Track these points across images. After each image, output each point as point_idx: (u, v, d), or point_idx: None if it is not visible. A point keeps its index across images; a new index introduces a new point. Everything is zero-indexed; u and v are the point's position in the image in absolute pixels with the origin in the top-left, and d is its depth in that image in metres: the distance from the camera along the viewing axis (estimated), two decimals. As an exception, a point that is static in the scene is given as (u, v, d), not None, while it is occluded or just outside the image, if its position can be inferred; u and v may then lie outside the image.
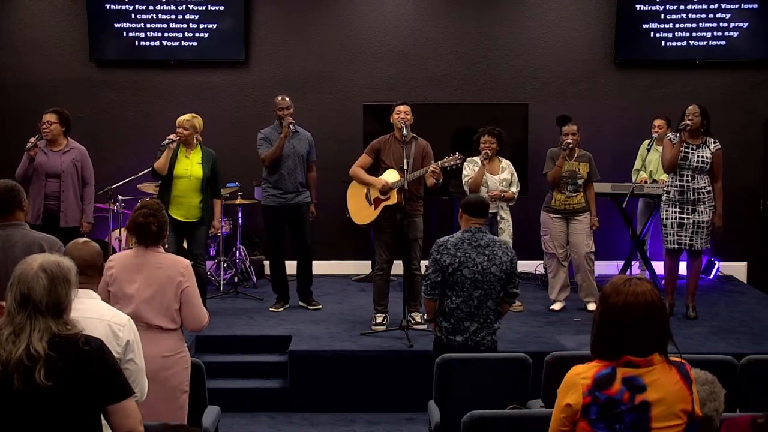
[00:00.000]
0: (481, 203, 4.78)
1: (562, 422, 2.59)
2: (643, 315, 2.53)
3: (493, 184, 6.71)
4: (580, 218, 6.81)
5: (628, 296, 2.54)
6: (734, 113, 8.45)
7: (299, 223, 6.87)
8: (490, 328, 4.67)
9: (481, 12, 8.50)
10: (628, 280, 2.60)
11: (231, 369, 5.97)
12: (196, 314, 3.98)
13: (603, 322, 2.58)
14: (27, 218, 6.28)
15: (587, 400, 2.53)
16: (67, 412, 2.55)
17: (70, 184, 6.40)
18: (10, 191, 4.25)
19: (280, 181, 6.76)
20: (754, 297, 7.70)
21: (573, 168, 6.75)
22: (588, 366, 2.58)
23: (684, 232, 6.45)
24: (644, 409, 2.52)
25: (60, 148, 6.43)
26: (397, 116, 6.28)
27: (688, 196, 6.41)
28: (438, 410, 4.23)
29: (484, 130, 6.70)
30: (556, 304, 6.96)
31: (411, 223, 6.27)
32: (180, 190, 6.37)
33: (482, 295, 4.61)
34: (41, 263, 2.60)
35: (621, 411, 2.52)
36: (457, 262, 4.58)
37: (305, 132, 6.93)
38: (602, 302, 2.60)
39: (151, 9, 8.34)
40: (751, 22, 8.35)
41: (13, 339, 2.52)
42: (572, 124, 6.81)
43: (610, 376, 2.53)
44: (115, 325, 3.11)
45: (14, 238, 4.15)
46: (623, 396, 2.52)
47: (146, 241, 3.97)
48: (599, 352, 2.59)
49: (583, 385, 2.54)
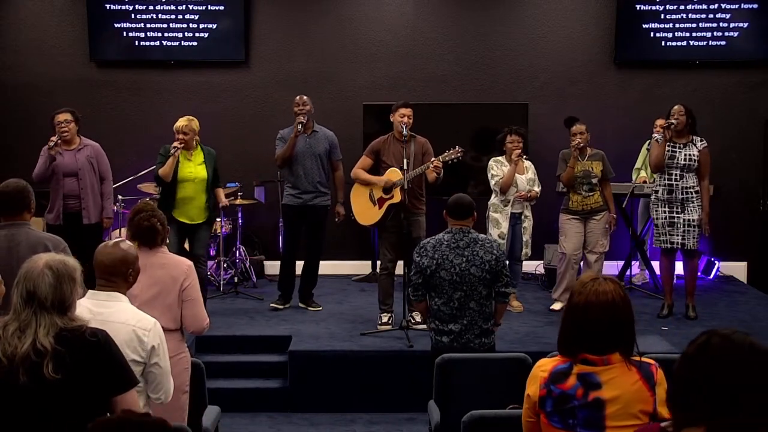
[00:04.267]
0: (462, 204, 4.63)
1: (526, 412, 2.71)
2: (601, 314, 2.56)
3: (522, 184, 6.76)
4: (597, 218, 6.79)
5: (589, 295, 2.58)
6: (734, 113, 8.46)
7: (315, 225, 6.85)
8: (475, 330, 4.58)
9: (481, 12, 8.50)
10: (593, 279, 2.64)
11: (231, 369, 5.97)
12: (197, 315, 3.98)
13: (566, 319, 2.64)
14: (48, 220, 6.33)
15: (543, 393, 2.61)
16: (74, 405, 2.58)
17: (87, 182, 6.40)
18: (21, 192, 4.26)
19: (298, 181, 6.75)
20: (754, 297, 7.70)
21: (586, 168, 6.73)
22: (550, 360, 2.66)
23: (675, 231, 6.46)
24: (598, 406, 2.55)
25: (74, 146, 6.45)
26: (400, 118, 6.26)
27: (676, 195, 6.43)
28: (438, 410, 4.23)
29: (510, 130, 6.72)
30: (557, 304, 6.96)
31: (414, 222, 6.28)
32: (186, 193, 6.40)
33: (463, 297, 4.55)
34: (47, 261, 2.64)
35: (574, 406, 2.56)
36: (434, 264, 4.54)
37: (326, 131, 6.89)
38: (569, 300, 2.68)
39: (151, 9, 8.34)
40: (751, 22, 8.35)
41: (18, 334, 2.55)
42: (580, 124, 6.79)
43: (566, 371, 2.59)
44: (140, 330, 3.10)
45: (19, 237, 4.16)
46: (577, 391, 2.56)
47: (154, 242, 3.97)
48: (561, 348, 2.65)
49: (541, 377, 2.62)
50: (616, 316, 2.58)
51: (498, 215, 6.81)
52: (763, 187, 8.50)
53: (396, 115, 6.31)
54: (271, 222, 8.33)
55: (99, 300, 3.18)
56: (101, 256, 3.23)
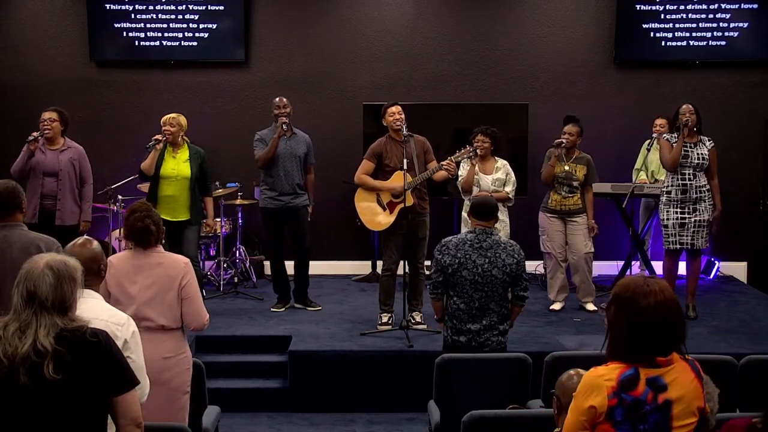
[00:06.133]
0: (486, 205, 4.73)
1: (582, 425, 2.53)
2: (673, 313, 2.53)
3: (485, 184, 6.67)
4: (577, 219, 6.80)
5: (658, 296, 2.51)
6: (734, 113, 8.45)
7: (297, 225, 6.86)
8: (494, 329, 4.66)
9: (481, 12, 8.50)
10: (645, 280, 2.57)
11: (231, 369, 5.96)
12: (197, 311, 3.98)
13: (631, 326, 2.52)
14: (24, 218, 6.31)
15: (613, 402, 2.50)
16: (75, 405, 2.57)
17: (67, 183, 6.40)
18: (11, 192, 4.25)
19: (277, 183, 6.75)
20: (754, 297, 7.70)
21: (569, 170, 6.74)
22: (609, 368, 2.54)
23: (685, 232, 6.46)
24: (666, 408, 2.52)
25: (58, 147, 6.45)
26: (391, 118, 6.27)
27: (690, 195, 6.43)
28: (438, 410, 4.23)
29: (478, 130, 6.70)
30: (556, 304, 6.97)
31: (421, 222, 6.29)
32: (168, 190, 6.41)
33: (483, 297, 4.60)
34: (48, 261, 2.64)
35: (646, 411, 2.51)
36: (456, 263, 4.58)
37: (303, 134, 6.93)
38: (627, 306, 2.53)
39: (151, 9, 8.34)
40: (751, 22, 8.35)
41: (19, 335, 2.55)
42: (573, 126, 6.78)
43: (635, 377, 2.51)
44: (113, 325, 3.11)
45: (11, 238, 4.15)
46: (647, 396, 2.50)
47: (148, 243, 3.98)
48: (621, 355, 2.54)
49: (608, 387, 2.50)
50: (681, 312, 2.58)
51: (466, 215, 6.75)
52: (763, 187, 8.50)
53: (387, 117, 6.30)
54: (271, 222, 8.32)
55: None
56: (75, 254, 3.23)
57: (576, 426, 2.54)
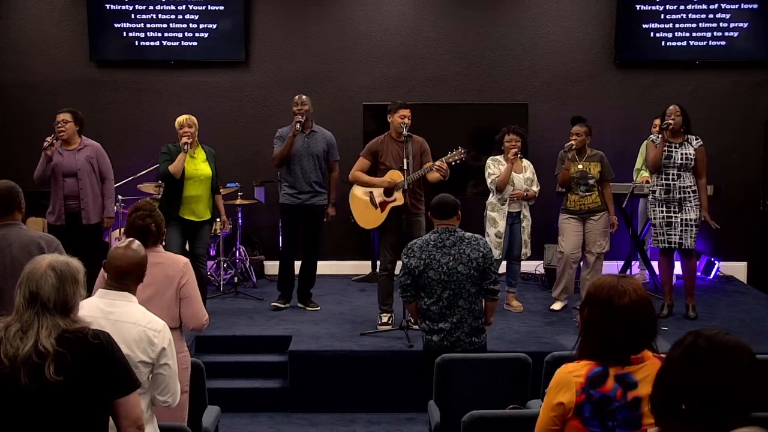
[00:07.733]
0: (445, 204, 4.65)
1: (552, 421, 2.57)
2: (647, 312, 2.55)
3: (519, 183, 6.77)
4: (596, 218, 6.77)
5: (632, 295, 2.54)
6: (734, 113, 8.46)
7: (313, 225, 6.87)
8: (465, 327, 4.59)
9: (481, 12, 8.50)
10: (619, 280, 2.59)
11: (231, 369, 5.97)
12: (195, 312, 3.98)
13: (606, 325, 2.54)
14: (49, 221, 6.35)
15: (581, 398, 2.54)
16: (76, 407, 2.57)
17: (87, 182, 6.39)
18: (11, 191, 4.26)
19: (295, 181, 6.77)
20: (754, 297, 7.70)
21: (584, 168, 6.74)
22: (579, 364, 2.58)
23: (673, 231, 6.47)
24: (636, 405, 2.54)
25: (74, 146, 6.44)
26: (400, 119, 6.27)
27: (674, 195, 6.44)
28: (438, 410, 4.23)
29: (508, 129, 6.73)
30: (557, 304, 6.96)
31: (415, 222, 6.30)
32: (192, 191, 6.41)
33: (451, 295, 4.56)
34: (50, 262, 2.63)
35: (614, 408, 2.53)
36: (422, 265, 4.56)
37: (324, 131, 6.91)
38: (602, 306, 2.56)
39: (151, 9, 8.34)
40: (751, 22, 8.35)
41: (20, 336, 2.54)
42: (581, 126, 6.78)
43: (603, 374, 2.54)
44: (151, 331, 3.12)
45: (11, 237, 4.16)
46: (616, 393, 2.53)
47: (147, 242, 3.97)
48: (593, 354, 2.57)
49: (577, 383, 2.55)
50: (654, 311, 2.59)
51: (495, 214, 6.81)
52: (763, 187, 8.50)
53: (396, 116, 6.30)
54: (271, 222, 8.33)
55: (110, 299, 3.19)
56: (117, 260, 3.24)
57: (547, 423, 2.58)
